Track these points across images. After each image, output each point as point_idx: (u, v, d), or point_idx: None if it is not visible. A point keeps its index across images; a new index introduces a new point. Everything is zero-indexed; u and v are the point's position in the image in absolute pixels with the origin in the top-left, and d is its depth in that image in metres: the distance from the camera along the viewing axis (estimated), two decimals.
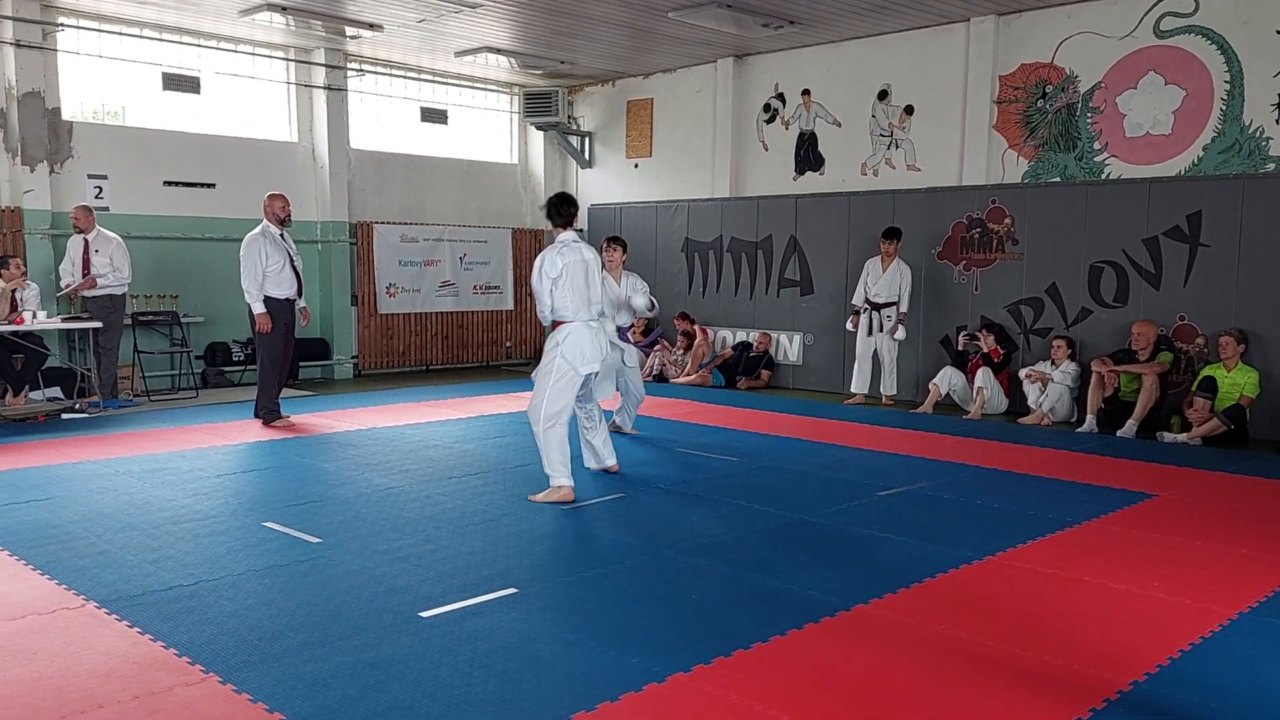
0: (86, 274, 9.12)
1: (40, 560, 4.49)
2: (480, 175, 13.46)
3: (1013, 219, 9.48)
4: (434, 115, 12.96)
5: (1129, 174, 9.00)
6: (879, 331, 9.83)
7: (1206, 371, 8.00)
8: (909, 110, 10.53)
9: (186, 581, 4.20)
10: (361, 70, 11.98)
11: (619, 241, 7.74)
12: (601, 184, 13.55)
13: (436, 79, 12.87)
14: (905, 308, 9.74)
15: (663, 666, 3.33)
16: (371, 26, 10.34)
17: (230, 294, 9.40)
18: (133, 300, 9.90)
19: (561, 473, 5.65)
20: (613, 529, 5.19)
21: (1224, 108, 8.49)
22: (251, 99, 11.42)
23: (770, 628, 3.69)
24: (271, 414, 8.26)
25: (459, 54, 11.65)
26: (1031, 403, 8.89)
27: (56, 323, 8.79)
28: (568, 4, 9.53)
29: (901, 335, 9.76)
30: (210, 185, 10.89)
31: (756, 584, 4.23)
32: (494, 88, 13.57)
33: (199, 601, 3.95)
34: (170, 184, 10.63)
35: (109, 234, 9.28)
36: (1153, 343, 8.24)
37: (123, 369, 9.68)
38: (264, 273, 7.99)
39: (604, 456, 6.43)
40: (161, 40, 10.46)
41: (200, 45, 10.79)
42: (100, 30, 10.11)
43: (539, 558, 4.66)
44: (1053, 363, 8.87)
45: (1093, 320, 9.01)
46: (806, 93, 11.36)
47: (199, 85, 10.81)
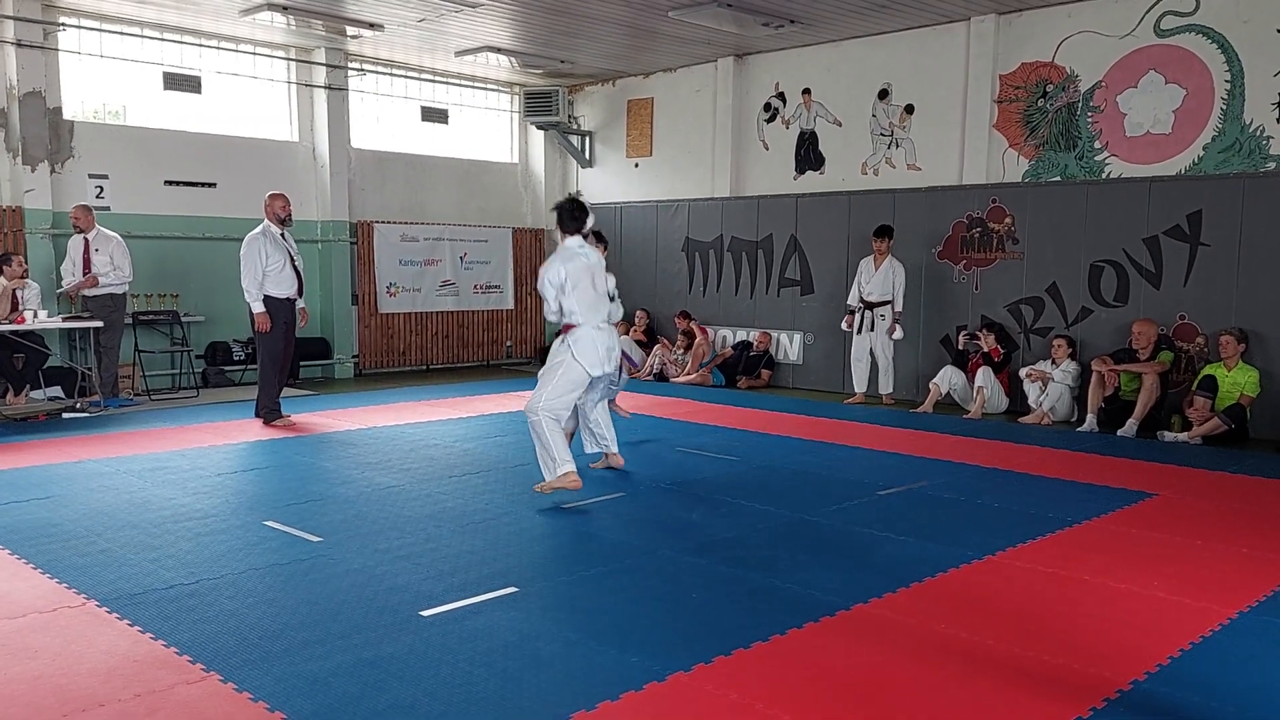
0: (87, 273, 9.13)
1: (41, 559, 4.49)
2: (481, 175, 13.46)
3: (1013, 218, 9.48)
4: (434, 115, 12.96)
5: (1129, 173, 9.00)
6: (872, 330, 9.83)
7: (1207, 371, 8.00)
8: (909, 109, 10.52)
9: (187, 580, 4.21)
10: (362, 70, 11.98)
11: (600, 238, 7.08)
12: (602, 183, 13.55)
13: (437, 78, 12.87)
14: (900, 306, 9.73)
15: (663, 665, 3.33)
16: (372, 26, 10.34)
17: (231, 293, 9.40)
18: (133, 299, 9.91)
19: (565, 459, 5.60)
20: (613, 528, 5.20)
21: (1224, 107, 8.48)
22: (252, 98, 11.42)
23: (771, 627, 3.69)
24: (272, 413, 8.27)
25: (459, 53, 11.65)
26: (1032, 402, 8.89)
27: (57, 322, 8.80)
28: (568, 3, 9.53)
29: (899, 335, 9.76)
30: (211, 185, 10.90)
31: (757, 583, 4.23)
32: (494, 87, 13.57)
33: (200, 600, 3.96)
34: (171, 183, 10.63)
35: (109, 233, 9.28)
36: (1153, 342, 8.25)
37: (123, 368, 9.69)
38: (264, 272, 8.00)
39: (607, 443, 6.42)
40: (162, 40, 10.46)
41: (201, 45, 10.79)
42: (101, 30, 10.11)
43: (539, 557, 4.67)
44: (1053, 362, 8.87)
45: (1093, 319, 9.01)
46: (807, 92, 11.36)
47: (200, 85, 10.81)
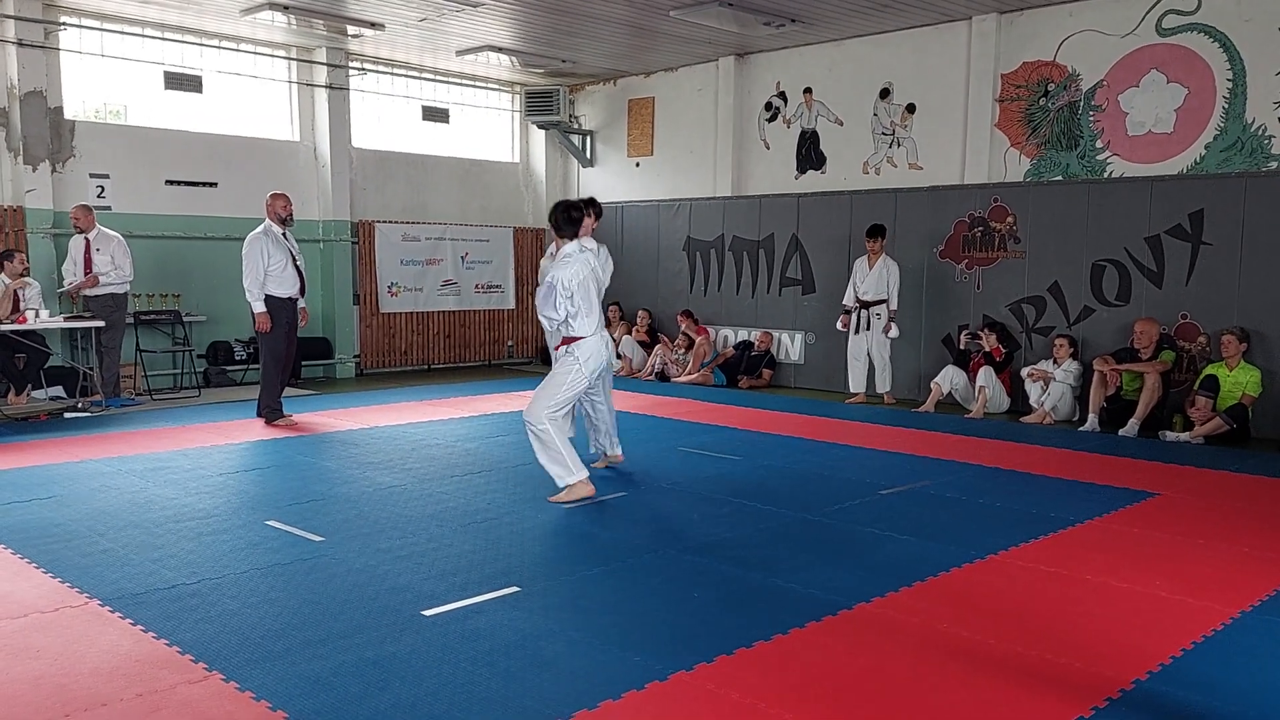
0: (88, 273, 9.13)
1: (43, 558, 4.49)
2: (482, 174, 13.46)
3: (1015, 217, 9.47)
4: (436, 114, 12.96)
5: (1131, 172, 8.99)
6: (868, 330, 9.83)
7: (1209, 370, 7.99)
8: (911, 109, 10.52)
9: (189, 580, 4.21)
10: (363, 69, 11.98)
11: (592, 205, 6.41)
12: (603, 183, 13.54)
13: (438, 78, 12.87)
14: (895, 305, 9.72)
15: (665, 665, 3.33)
16: (373, 25, 10.34)
17: (232, 293, 9.40)
18: (135, 299, 9.91)
19: (578, 467, 5.59)
20: (615, 528, 5.19)
21: (1226, 106, 8.48)
22: (253, 98, 11.42)
23: (772, 626, 3.69)
24: (274, 413, 8.27)
25: (460, 53, 11.65)
26: (1033, 401, 8.89)
27: (59, 322, 8.80)
28: (569, 3, 9.52)
29: (895, 334, 9.75)
30: (212, 184, 10.90)
31: (759, 582, 4.23)
32: (495, 86, 13.57)
33: (201, 600, 3.96)
34: (172, 183, 10.63)
35: (109, 233, 9.28)
36: (1155, 341, 8.24)
37: (125, 368, 9.69)
38: (266, 272, 8.01)
39: (609, 443, 6.44)
40: (163, 39, 10.46)
41: (202, 44, 10.79)
42: (102, 29, 10.11)
43: (541, 556, 4.67)
44: (1055, 361, 8.86)
45: (1095, 319, 9.00)
46: (808, 91, 11.35)
47: (201, 84, 10.81)
